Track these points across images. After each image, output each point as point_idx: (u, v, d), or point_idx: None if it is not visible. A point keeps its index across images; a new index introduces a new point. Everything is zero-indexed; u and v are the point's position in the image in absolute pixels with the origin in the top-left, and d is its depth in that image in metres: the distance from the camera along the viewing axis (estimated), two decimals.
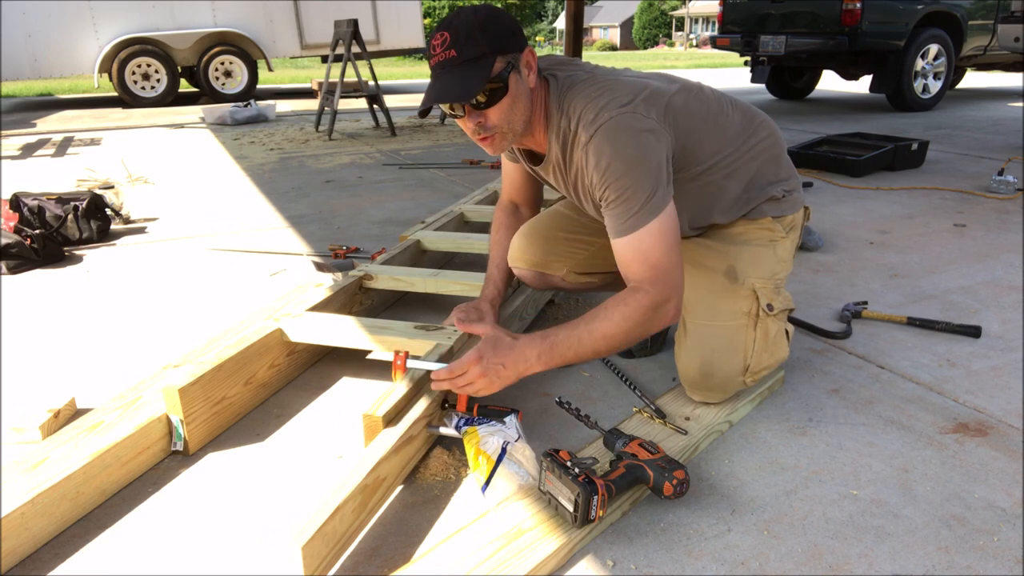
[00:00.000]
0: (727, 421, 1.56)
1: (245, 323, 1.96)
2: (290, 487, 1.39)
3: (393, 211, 3.55)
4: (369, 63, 6.55)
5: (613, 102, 1.34)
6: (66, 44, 8.66)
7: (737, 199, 1.59)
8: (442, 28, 1.33)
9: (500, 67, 1.32)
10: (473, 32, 1.30)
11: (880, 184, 3.95)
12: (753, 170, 1.59)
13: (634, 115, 1.33)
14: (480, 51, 1.30)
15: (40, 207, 2.94)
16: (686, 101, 1.47)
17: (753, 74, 7.96)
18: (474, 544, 1.15)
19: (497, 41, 1.32)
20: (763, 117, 1.65)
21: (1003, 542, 1.21)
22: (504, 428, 1.37)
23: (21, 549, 1.19)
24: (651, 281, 1.35)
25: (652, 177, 1.33)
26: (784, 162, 1.67)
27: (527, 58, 1.37)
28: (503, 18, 1.37)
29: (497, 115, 1.36)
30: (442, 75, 1.33)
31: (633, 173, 1.32)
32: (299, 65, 17.24)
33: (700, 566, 1.16)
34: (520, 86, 1.36)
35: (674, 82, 1.51)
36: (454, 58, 1.31)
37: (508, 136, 1.41)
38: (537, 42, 48.65)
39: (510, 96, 1.35)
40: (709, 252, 1.61)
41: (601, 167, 1.34)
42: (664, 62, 21.30)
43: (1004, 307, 2.21)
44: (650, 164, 1.33)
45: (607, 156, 1.33)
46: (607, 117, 1.33)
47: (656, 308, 1.34)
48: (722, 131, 1.54)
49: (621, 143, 1.32)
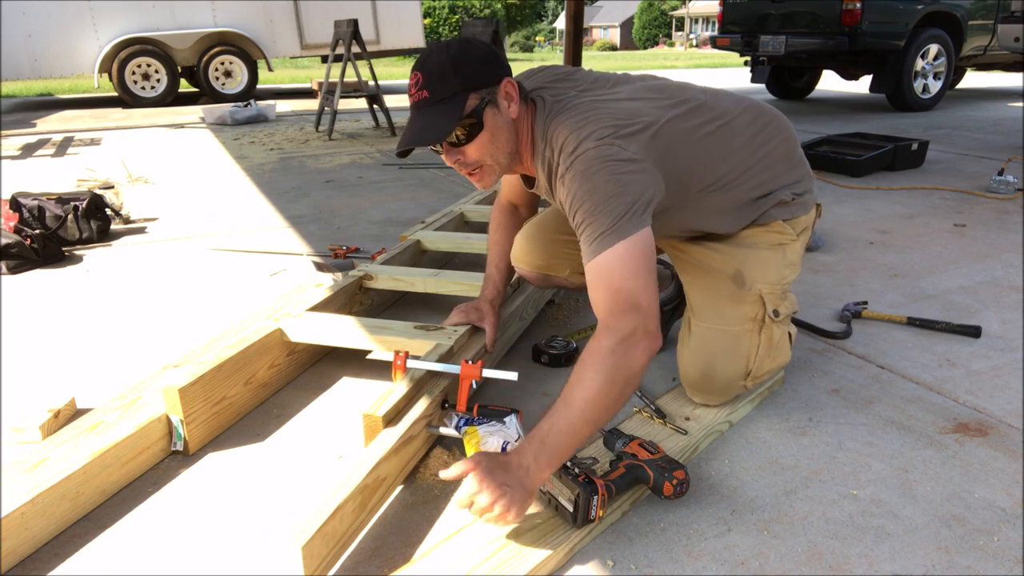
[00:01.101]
0: (727, 421, 1.56)
1: (245, 323, 1.96)
2: (290, 487, 1.39)
3: (393, 211, 3.55)
4: (369, 63, 6.54)
5: (594, 133, 1.29)
6: (66, 44, 8.65)
7: (744, 208, 1.55)
8: (416, 68, 1.34)
9: (474, 103, 1.31)
10: (445, 71, 1.30)
11: (880, 184, 3.95)
12: (763, 180, 1.54)
13: (612, 147, 1.28)
14: (452, 90, 1.30)
15: (40, 207, 2.94)
16: (682, 126, 1.41)
17: (753, 74, 7.95)
18: (474, 544, 1.16)
19: (469, 78, 1.31)
20: (772, 117, 1.60)
21: (1003, 542, 1.21)
22: (504, 428, 1.38)
23: (21, 549, 1.19)
24: (611, 312, 1.23)
25: (623, 203, 1.26)
26: (797, 162, 1.61)
27: (506, 89, 1.35)
28: (476, 52, 1.35)
29: (476, 151, 1.35)
30: (417, 116, 1.34)
31: (601, 196, 1.27)
32: (299, 65, 17.23)
33: (700, 566, 1.16)
34: (498, 119, 1.34)
35: (671, 100, 1.44)
36: (427, 99, 1.31)
37: (495, 169, 1.40)
38: (537, 42, 48.64)
39: (488, 131, 1.33)
40: (716, 255, 1.58)
41: (572, 192, 1.30)
42: (664, 62, 21.30)
43: (1004, 307, 2.21)
44: (623, 191, 1.27)
45: (578, 182, 1.28)
46: (584, 149, 1.28)
47: (623, 343, 1.18)
48: (727, 147, 1.48)
49: (594, 171, 1.27)
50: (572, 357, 1.87)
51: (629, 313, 1.21)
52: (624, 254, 1.24)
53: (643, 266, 1.25)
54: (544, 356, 1.86)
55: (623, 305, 1.22)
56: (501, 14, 33.11)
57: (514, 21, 37.46)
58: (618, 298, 1.23)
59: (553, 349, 1.87)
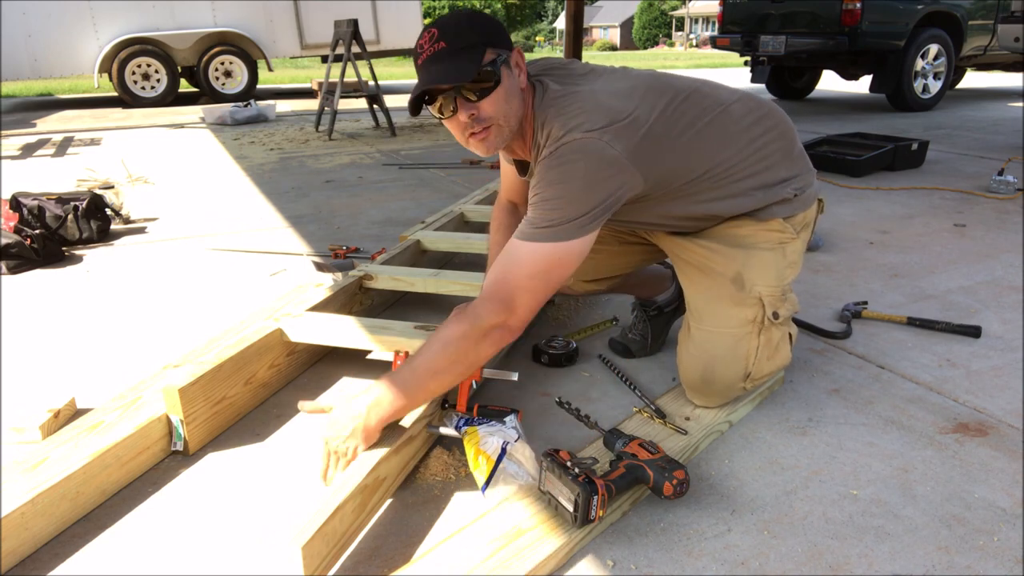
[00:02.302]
0: (727, 421, 1.56)
1: (245, 323, 1.96)
2: (290, 487, 1.39)
3: (393, 211, 3.55)
4: (369, 63, 6.54)
5: (584, 124, 1.27)
6: (66, 44, 8.65)
7: (740, 198, 1.52)
8: (429, 27, 1.31)
9: (492, 56, 1.28)
10: (462, 25, 1.29)
11: (880, 184, 3.95)
12: (758, 170, 1.50)
13: (599, 141, 1.26)
14: (471, 40, 1.28)
15: (40, 207, 2.94)
16: (673, 121, 1.38)
17: (753, 74, 7.96)
18: (474, 544, 1.15)
19: (487, 34, 1.30)
20: (768, 109, 1.56)
21: (1003, 542, 1.21)
22: (504, 428, 1.37)
23: (21, 549, 1.19)
24: (488, 295, 1.27)
25: (579, 205, 1.25)
26: (796, 157, 1.58)
27: (516, 58, 1.34)
28: (491, 18, 1.36)
29: (491, 106, 1.30)
30: (432, 65, 1.28)
31: (561, 190, 1.26)
32: (299, 65, 17.23)
33: (700, 566, 1.16)
34: (512, 81, 1.33)
35: (666, 91, 1.42)
36: (444, 49, 1.27)
37: (504, 131, 1.35)
38: (537, 42, 48.64)
39: (503, 88, 1.30)
40: (716, 256, 1.55)
41: (541, 174, 1.29)
42: (664, 62, 21.29)
43: (1004, 307, 2.21)
44: (586, 194, 1.26)
45: (553, 168, 1.27)
46: (571, 138, 1.26)
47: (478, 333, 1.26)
48: (721, 138, 1.46)
49: (571, 163, 1.26)
50: (572, 357, 1.87)
51: (500, 306, 1.27)
52: (540, 255, 1.27)
53: (547, 274, 1.28)
54: (544, 356, 1.87)
55: (501, 295, 1.27)
56: (501, 14, 33.10)
57: (514, 21, 37.48)
58: (502, 287, 1.27)
59: (553, 349, 1.87)
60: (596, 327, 2.08)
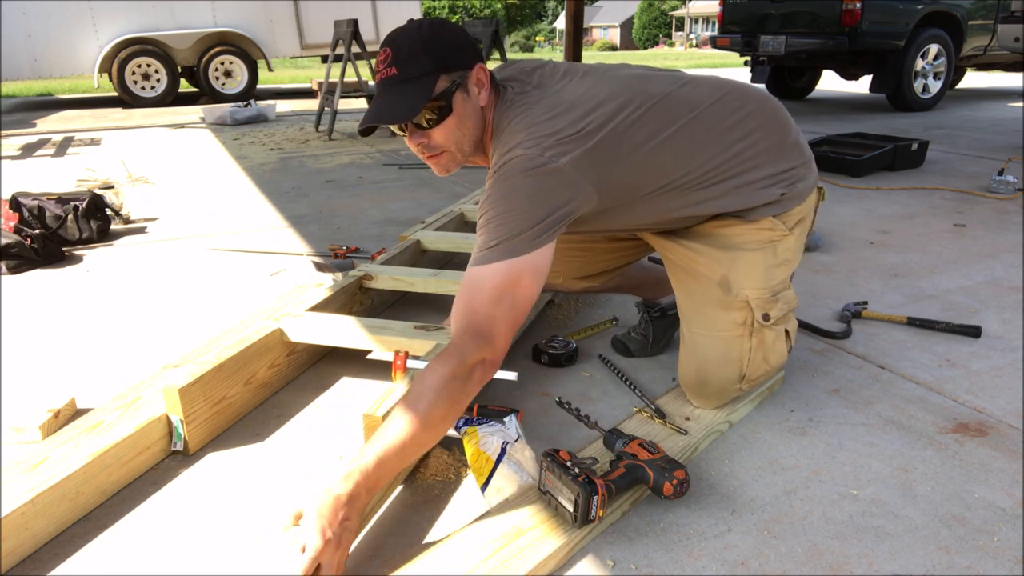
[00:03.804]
0: (727, 421, 1.56)
1: (245, 323, 1.96)
2: (290, 487, 1.39)
3: (393, 211, 3.55)
4: (369, 63, 6.53)
5: (526, 141, 1.25)
6: (66, 44, 8.66)
7: (721, 198, 1.45)
8: (385, 44, 1.29)
9: (444, 85, 1.27)
10: (415, 50, 1.26)
11: (880, 184, 3.95)
12: (741, 174, 1.44)
13: (542, 156, 1.23)
14: (422, 70, 1.26)
15: (40, 207, 2.94)
16: (631, 134, 1.33)
17: (753, 74, 7.94)
18: (474, 544, 1.15)
19: (441, 59, 1.27)
20: (756, 105, 1.48)
21: (1003, 542, 1.21)
22: (504, 428, 1.37)
23: (21, 549, 1.19)
24: (463, 332, 1.21)
25: (526, 218, 1.21)
26: (788, 149, 1.50)
27: (477, 75, 1.32)
28: (450, 33, 1.31)
29: (441, 135, 1.31)
30: (384, 93, 1.28)
31: (506, 206, 1.22)
32: (299, 65, 17.23)
33: (700, 566, 1.16)
34: (467, 105, 1.31)
35: (628, 105, 1.35)
36: (395, 76, 1.26)
37: (456, 156, 1.36)
38: (537, 42, 48.62)
39: (455, 116, 1.29)
40: (702, 259, 1.50)
41: (487, 193, 1.27)
42: (664, 62, 21.29)
43: (1004, 307, 2.21)
44: (533, 206, 1.22)
45: (496, 186, 1.25)
46: (514, 155, 1.24)
47: (464, 371, 1.18)
48: (687, 147, 1.39)
49: (512, 178, 1.24)
50: (572, 357, 1.87)
51: (477, 340, 1.20)
52: (498, 276, 1.22)
53: (511, 295, 1.22)
54: (544, 356, 1.87)
55: (475, 329, 1.21)
56: (501, 14, 33.11)
57: (514, 21, 37.48)
58: (472, 320, 1.22)
59: (553, 349, 1.87)
60: (596, 327, 2.08)
